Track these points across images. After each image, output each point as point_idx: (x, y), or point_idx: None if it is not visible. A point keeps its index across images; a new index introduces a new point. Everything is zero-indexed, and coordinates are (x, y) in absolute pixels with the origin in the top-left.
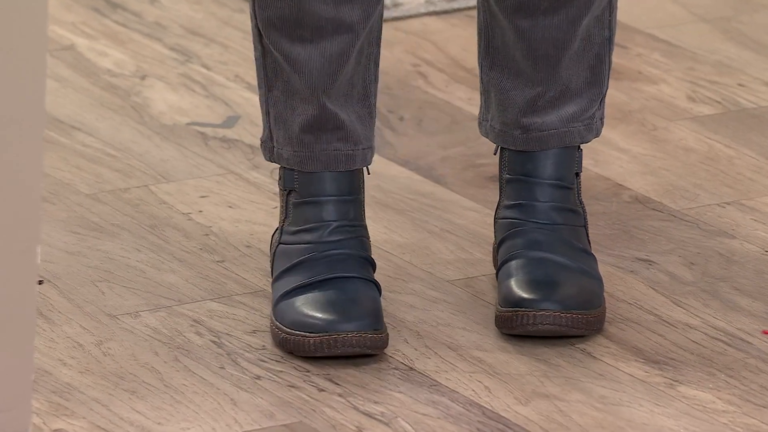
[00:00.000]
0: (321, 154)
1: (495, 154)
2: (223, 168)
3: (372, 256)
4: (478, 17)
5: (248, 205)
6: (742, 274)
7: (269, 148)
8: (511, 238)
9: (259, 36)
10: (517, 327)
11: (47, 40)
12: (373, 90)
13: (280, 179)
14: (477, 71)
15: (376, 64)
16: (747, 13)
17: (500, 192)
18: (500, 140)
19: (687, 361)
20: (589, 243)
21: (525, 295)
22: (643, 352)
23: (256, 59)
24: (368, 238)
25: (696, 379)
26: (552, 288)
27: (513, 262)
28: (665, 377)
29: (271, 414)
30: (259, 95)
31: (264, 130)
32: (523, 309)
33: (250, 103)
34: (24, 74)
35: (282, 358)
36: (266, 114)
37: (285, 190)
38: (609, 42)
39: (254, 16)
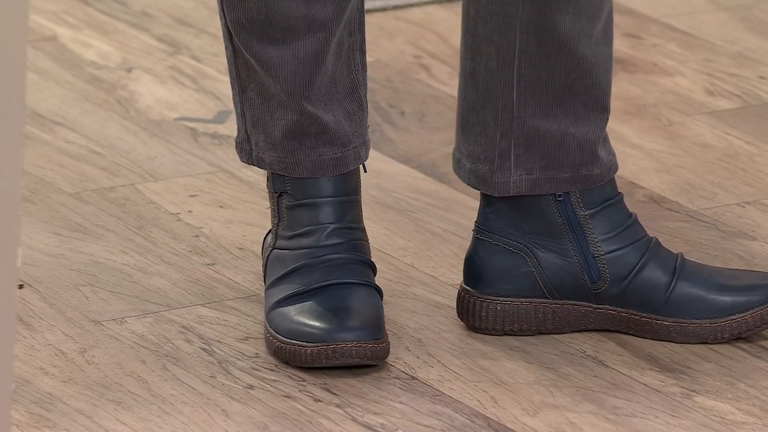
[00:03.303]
0: (306, 160)
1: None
2: (214, 165)
3: (372, 260)
4: None
5: (240, 204)
6: None
7: (246, 151)
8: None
9: (229, 35)
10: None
11: (28, 30)
12: (361, 80)
13: (269, 181)
14: None
15: (362, 52)
16: None
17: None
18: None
19: (705, 369)
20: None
21: None
22: (659, 361)
23: (227, 58)
24: (367, 240)
25: (714, 388)
26: None
27: None
28: (681, 387)
29: (265, 426)
30: (232, 95)
31: (239, 132)
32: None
33: None
34: (3, 67)
35: (276, 366)
36: (241, 116)
37: (276, 192)
38: None
39: (223, 16)
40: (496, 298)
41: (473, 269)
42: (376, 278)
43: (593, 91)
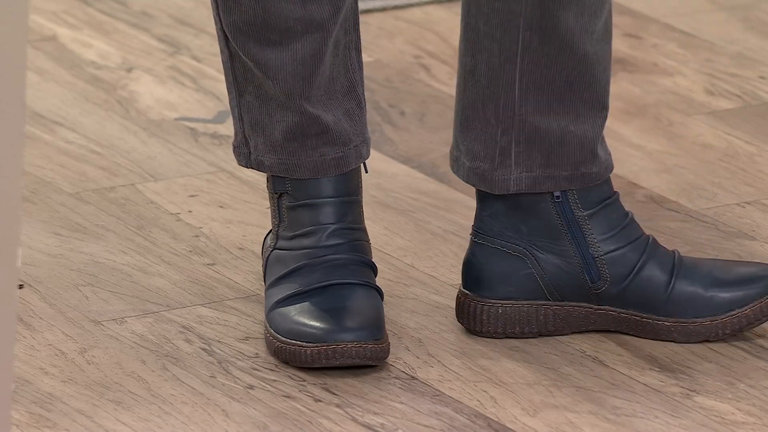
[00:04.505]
0: (308, 161)
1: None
2: (214, 166)
3: (372, 260)
4: None
5: (240, 204)
6: None
7: (244, 154)
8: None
9: (225, 39)
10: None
11: (27, 30)
12: (358, 78)
13: (268, 182)
14: None
15: (358, 50)
16: None
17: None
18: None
19: (705, 369)
20: None
21: None
22: (659, 361)
23: (223, 62)
24: (368, 241)
25: (714, 388)
26: None
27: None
28: (682, 387)
29: (265, 426)
30: (229, 99)
31: (236, 135)
32: None
33: None
34: (3, 67)
35: (276, 366)
36: (239, 119)
37: (276, 193)
38: None
39: (218, 20)
40: (497, 302)
41: (472, 273)
42: (376, 278)
43: (593, 88)
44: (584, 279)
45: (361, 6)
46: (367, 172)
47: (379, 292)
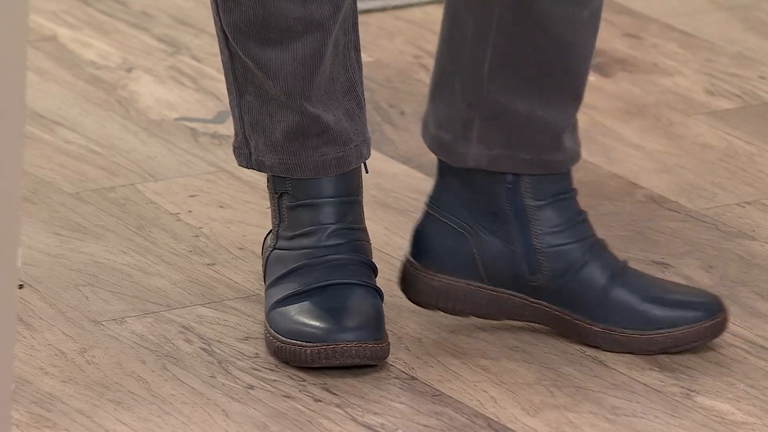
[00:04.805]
0: (309, 161)
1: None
2: (214, 165)
3: (373, 260)
4: None
5: (240, 204)
6: (763, 278)
7: (245, 155)
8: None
9: (225, 39)
10: None
11: (28, 30)
12: (358, 78)
13: (269, 182)
14: None
15: (357, 50)
16: None
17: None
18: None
19: (704, 369)
20: None
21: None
22: (659, 361)
23: (223, 63)
24: (368, 241)
25: (714, 388)
26: None
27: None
28: (681, 387)
29: (265, 426)
30: (229, 100)
31: (236, 136)
32: None
33: None
34: (3, 67)
35: (276, 366)
36: (239, 119)
37: (276, 193)
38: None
39: (218, 20)
40: (434, 275)
41: (417, 242)
42: (376, 278)
43: (567, 76)
44: (523, 269)
45: (361, 6)
46: (367, 172)
47: (379, 292)
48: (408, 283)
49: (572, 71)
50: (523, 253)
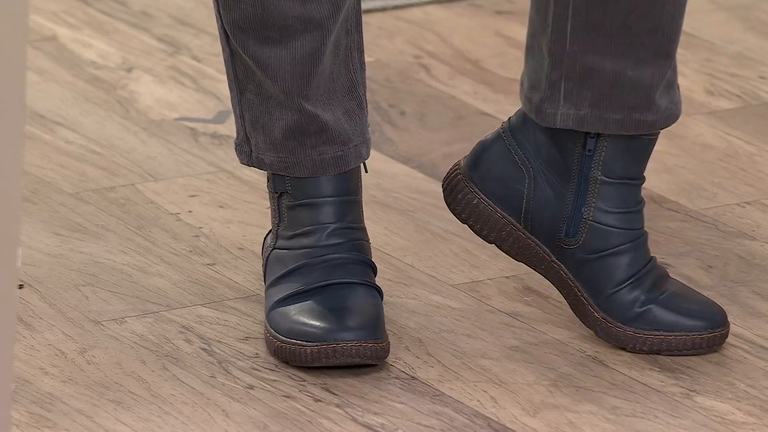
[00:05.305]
0: (307, 159)
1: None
2: (214, 165)
3: (372, 260)
4: None
5: (240, 204)
6: (763, 278)
7: (246, 152)
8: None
9: (226, 37)
10: None
11: (28, 30)
12: (360, 79)
13: (269, 182)
14: (482, 63)
15: (360, 51)
16: None
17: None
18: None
19: (705, 369)
20: None
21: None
22: (659, 361)
23: (225, 60)
24: (368, 240)
25: (714, 388)
26: None
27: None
28: (682, 387)
29: (265, 426)
30: (231, 97)
31: (238, 133)
32: None
33: None
34: (3, 67)
35: (276, 366)
36: (240, 117)
37: (276, 192)
38: None
39: (219, 18)
40: (478, 193)
41: (477, 155)
42: (376, 278)
43: (656, 35)
44: (562, 228)
45: (362, 6)
46: (366, 171)
47: (379, 292)
48: (451, 188)
49: (660, 29)
50: (570, 214)
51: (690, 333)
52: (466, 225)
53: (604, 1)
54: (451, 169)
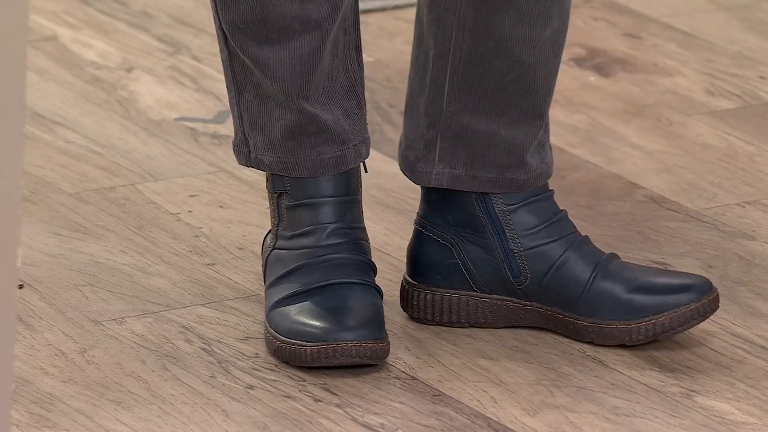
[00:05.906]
0: (306, 159)
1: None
2: (214, 165)
3: (372, 260)
4: None
5: (240, 204)
6: (763, 278)
7: (245, 153)
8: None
9: (224, 38)
10: None
11: (28, 30)
12: (358, 78)
13: (268, 182)
14: None
15: (358, 50)
16: None
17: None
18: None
19: (705, 369)
20: None
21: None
22: (659, 361)
23: (222, 61)
24: (368, 240)
25: (714, 388)
26: None
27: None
28: (682, 387)
29: (265, 426)
30: (229, 98)
31: (236, 134)
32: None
33: None
34: (3, 67)
35: (276, 366)
36: (238, 117)
37: (275, 193)
38: None
39: (217, 18)
40: (427, 289)
41: (410, 260)
42: (376, 278)
43: (529, 96)
44: (506, 273)
45: (361, 6)
46: (366, 171)
47: (379, 292)
48: (405, 301)
49: (534, 91)
50: (503, 258)
51: (678, 308)
52: (438, 325)
53: (482, 62)
54: (400, 287)
